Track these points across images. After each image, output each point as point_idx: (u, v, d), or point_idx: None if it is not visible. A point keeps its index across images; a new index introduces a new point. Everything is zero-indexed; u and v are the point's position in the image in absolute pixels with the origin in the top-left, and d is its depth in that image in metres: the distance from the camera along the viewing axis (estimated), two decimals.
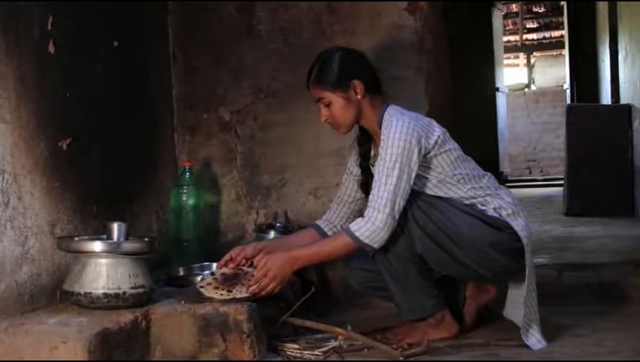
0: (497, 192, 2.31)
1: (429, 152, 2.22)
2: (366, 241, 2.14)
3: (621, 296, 2.87)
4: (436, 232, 2.18)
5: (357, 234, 2.13)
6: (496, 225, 2.23)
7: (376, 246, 2.15)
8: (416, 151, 2.18)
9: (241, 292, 2.14)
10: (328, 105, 2.30)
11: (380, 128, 2.29)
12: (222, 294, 2.13)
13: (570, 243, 4.06)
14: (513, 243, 2.22)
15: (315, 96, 2.33)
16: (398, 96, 2.55)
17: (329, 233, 2.43)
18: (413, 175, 2.18)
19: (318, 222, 2.48)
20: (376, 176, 2.18)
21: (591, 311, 2.69)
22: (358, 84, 2.29)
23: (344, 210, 2.47)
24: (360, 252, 2.19)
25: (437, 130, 2.28)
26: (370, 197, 2.17)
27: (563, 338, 2.32)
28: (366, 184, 2.42)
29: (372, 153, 2.41)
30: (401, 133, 2.18)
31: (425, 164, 2.24)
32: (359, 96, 2.30)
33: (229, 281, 2.19)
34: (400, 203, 2.15)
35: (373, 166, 2.39)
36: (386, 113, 2.30)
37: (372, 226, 2.12)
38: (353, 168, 2.47)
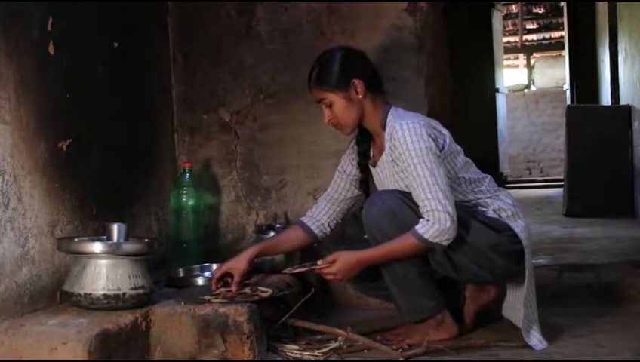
0: (497, 194, 2.32)
1: (440, 152, 2.22)
2: (436, 241, 2.12)
3: (620, 297, 2.87)
4: None
5: (426, 236, 2.12)
6: (495, 227, 2.23)
7: (445, 244, 2.14)
8: (434, 145, 2.19)
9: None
10: (330, 105, 2.30)
11: (384, 129, 2.29)
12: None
13: (570, 244, 4.07)
14: (513, 244, 2.22)
15: (316, 98, 2.33)
16: (397, 97, 2.55)
17: (315, 231, 2.46)
18: (443, 167, 2.19)
19: (303, 219, 2.50)
20: (413, 184, 2.17)
21: (590, 311, 2.69)
22: (358, 83, 2.29)
23: (333, 208, 2.47)
24: (428, 251, 2.18)
25: (443, 131, 2.29)
26: (420, 203, 2.15)
27: (562, 338, 2.32)
28: (366, 182, 2.42)
29: (372, 153, 2.41)
30: (415, 134, 2.18)
31: None
32: (360, 96, 2.29)
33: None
34: (448, 195, 2.14)
35: (373, 166, 2.39)
36: (389, 115, 2.30)
37: (440, 226, 2.11)
38: (347, 167, 2.47)
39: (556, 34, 14.08)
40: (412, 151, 2.17)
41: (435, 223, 2.12)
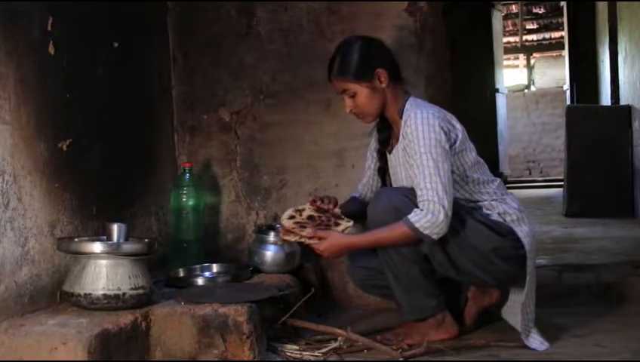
0: (503, 198, 2.31)
1: (451, 147, 2.22)
2: (426, 233, 2.11)
3: (620, 297, 2.87)
4: None
5: (417, 225, 2.11)
6: (499, 231, 2.22)
7: (435, 237, 2.12)
8: (444, 138, 2.18)
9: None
10: (353, 96, 2.29)
11: (401, 118, 2.29)
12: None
13: (570, 244, 4.07)
14: (516, 249, 2.22)
15: (338, 89, 2.32)
16: None
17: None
18: (449, 160, 2.18)
19: (356, 195, 2.54)
20: (416, 172, 2.16)
21: (590, 311, 2.69)
22: (382, 73, 2.28)
23: (369, 195, 2.49)
24: (418, 242, 2.17)
25: (457, 126, 2.28)
26: (419, 192, 2.14)
27: (563, 338, 2.33)
28: (383, 170, 2.43)
29: (390, 141, 2.41)
30: (427, 124, 2.17)
31: None
32: (384, 85, 2.29)
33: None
34: (448, 189, 2.13)
35: (390, 153, 2.39)
36: (407, 103, 2.30)
37: (432, 218, 2.10)
38: (372, 156, 2.49)
39: (556, 34, 14.09)
40: (420, 140, 2.16)
41: (428, 214, 2.10)
